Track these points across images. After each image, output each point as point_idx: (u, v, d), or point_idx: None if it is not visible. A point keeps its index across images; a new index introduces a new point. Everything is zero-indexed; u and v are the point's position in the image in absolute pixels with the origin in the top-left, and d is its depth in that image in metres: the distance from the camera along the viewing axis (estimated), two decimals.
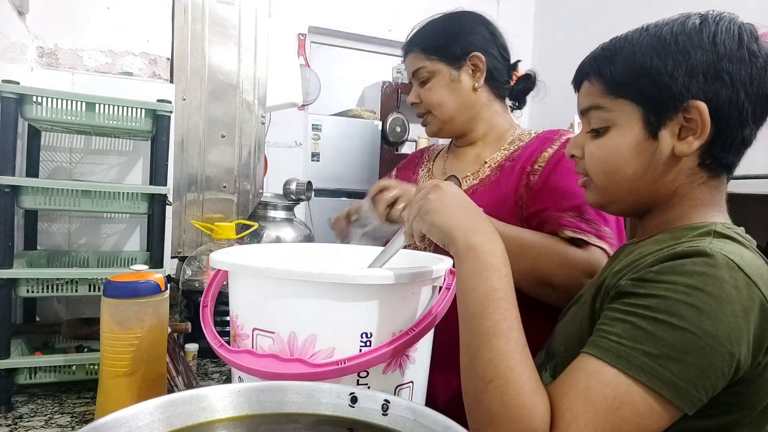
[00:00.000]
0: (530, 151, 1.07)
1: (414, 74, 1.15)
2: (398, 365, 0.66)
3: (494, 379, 0.56)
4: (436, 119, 1.15)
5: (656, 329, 0.54)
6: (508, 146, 1.13)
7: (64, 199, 0.90)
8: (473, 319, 0.60)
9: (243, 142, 1.40)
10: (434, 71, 1.12)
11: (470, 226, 0.66)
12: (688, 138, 0.63)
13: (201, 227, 1.25)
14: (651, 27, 0.67)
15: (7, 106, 0.84)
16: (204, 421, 0.48)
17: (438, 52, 1.12)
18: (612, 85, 0.67)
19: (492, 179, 1.09)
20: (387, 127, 4.65)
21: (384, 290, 0.63)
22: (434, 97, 1.12)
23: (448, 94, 1.12)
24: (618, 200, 0.71)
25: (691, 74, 0.62)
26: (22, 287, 0.88)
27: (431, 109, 1.14)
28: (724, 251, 0.56)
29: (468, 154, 1.18)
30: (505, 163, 1.09)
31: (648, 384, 0.53)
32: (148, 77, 1.24)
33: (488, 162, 1.13)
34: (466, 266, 0.63)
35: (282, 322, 0.63)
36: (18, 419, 0.82)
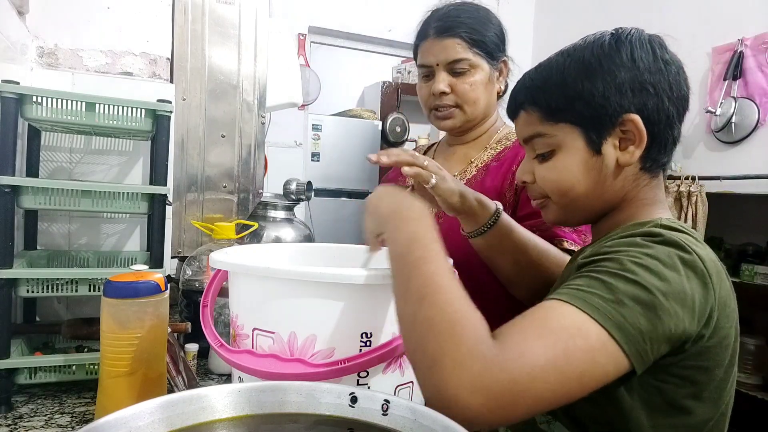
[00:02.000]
0: (516, 151, 1.07)
1: (451, 62, 1.06)
2: (398, 365, 0.66)
3: (428, 294, 0.56)
4: (464, 115, 1.10)
5: (611, 279, 0.57)
6: (495, 145, 1.12)
7: (64, 199, 0.90)
8: (399, 258, 0.62)
9: (243, 142, 1.40)
10: (476, 65, 1.07)
11: (392, 200, 0.70)
12: (629, 148, 0.69)
13: (201, 227, 1.25)
14: (570, 51, 0.72)
15: (7, 106, 0.84)
16: (204, 421, 0.48)
17: (483, 47, 1.07)
18: (549, 112, 0.72)
19: (477, 179, 1.08)
20: (387, 127, 4.65)
21: (384, 290, 0.63)
22: (473, 93, 1.07)
23: (484, 92, 1.09)
24: (575, 214, 0.76)
25: (620, 91, 0.67)
26: (22, 287, 0.88)
27: (464, 103, 1.08)
28: (668, 233, 0.62)
29: (456, 154, 1.17)
30: (491, 164, 1.09)
31: (601, 323, 0.55)
32: (148, 77, 1.24)
33: (474, 161, 1.12)
34: (390, 225, 0.66)
35: (282, 322, 0.63)
36: (18, 419, 0.82)
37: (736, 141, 2.42)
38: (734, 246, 2.35)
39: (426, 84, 1.11)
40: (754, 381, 2.11)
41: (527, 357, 0.52)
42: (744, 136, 2.39)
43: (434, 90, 1.07)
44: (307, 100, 3.27)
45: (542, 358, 0.52)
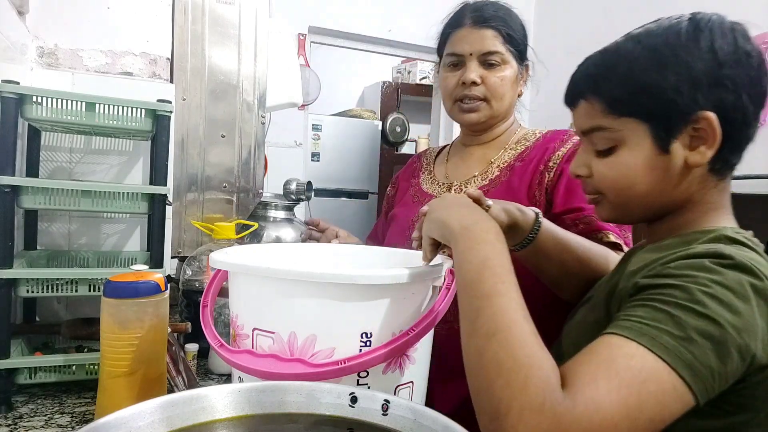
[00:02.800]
0: (542, 151, 1.05)
1: (485, 54, 1.05)
2: (398, 365, 0.66)
3: (497, 332, 0.54)
4: (490, 110, 1.08)
5: (679, 313, 0.53)
6: (515, 146, 1.11)
7: (64, 199, 0.90)
8: (470, 286, 0.60)
9: (243, 142, 1.40)
10: (507, 61, 1.06)
11: (465, 214, 0.68)
12: (700, 148, 0.63)
13: (201, 227, 1.25)
14: (642, 36, 0.66)
15: (7, 106, 0.84)
16: (204, 421, 0.48)
17: (515, 44, 1.07)
18: (613, 105, 0.66)
19: (503, 179, 1.06)
20: (387, 127, 4.66)
21: (384, 290, 0.63)
22: (502, 88, 1.06)
23: (510, 89, 1.08)
24: (630, 214, 0.71)
25: (695, 86, 0.61)
26: (22, 287, 0.88)
27: (492, 98, 1.07)
28: (738, 255, 0.57)
29: (473, 155, 1.15)
30: (515, 163, 1.07)
31: (671, 363, 0.51)
32: (148, 77, 1.24)
33: (495, 162, 1.10)
34: (462, 244, 0.64)
35: (282, 322, 0.63)
36: (18, 419, 0.82)
37: None
38: None
39: (454, 73, 1.08)
40: None
41: (600, 410, 0.49)
42: None
43: (465, 78, 1.05)
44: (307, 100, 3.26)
45: (615, 410, 0.49)
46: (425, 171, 1.24)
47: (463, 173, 1.14)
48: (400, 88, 4.82)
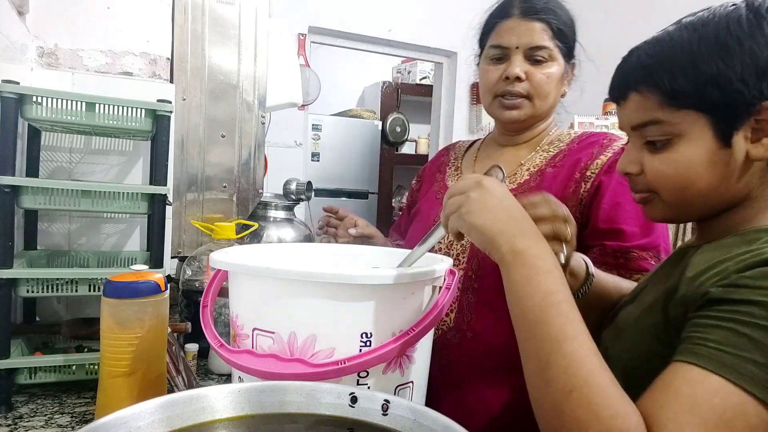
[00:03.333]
0: (576, 157, 0.98)
1: (533, 48, 0.98)
2: (398, 365, 0.66)
3: (576, 388, 0.51)
4: (532, 108, 1.00)
5: (761, 336, 0.50)
6: (547, 147, 1.04)
7: (64, 199, 0.90)
8: (535, 326, 0.57)
9: (243, 142, 1.40)
10: (555, 58, 0.99)
11: (515, 231, 0.62)
12: (763, 140, 0.60)
13: (201, 227, 1.25)
14: (697, 25, 0.62)
15: (7, 106, 0.84)
16: (204, 421, 0.48)
17: (564, 40, 1.00)
18: (672, 96, 0.62)
19: (532, 185, 0.99)
20: (387, 127, 4.66)
21: (384, 290, 0.63)
22: (548, 86, 0.99)
23: (555, 87, 1.01)
24: (687, 212, 0.67)
25: (761, 75, 0.58)
26: (22, 287, 0.88)
27: (535, 95, 0.99)
28: None
29: (504, 155, 1.08)
30: (546, 169, 1.00)
31: (759, 396, 0.48)
32: (148, 77, 1.24)
33: (525, 164, 1.03)
34: (516, 273, 0.60)
35: (282, 322, 0.63)
36: (18, 419, 0.82)
37: None
38: None
39: (496, 67, 1.01)
40: None
41: None
42: None
43: (509, 73, 0.98)
44: (307, 100, 3.26)
45: None
46: (452, 166, 1.17)
47: None
48: (400, 88, 4.82)
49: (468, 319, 0.95)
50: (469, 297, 0.96)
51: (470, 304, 0.95)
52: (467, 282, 0.96)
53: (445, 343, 0.96)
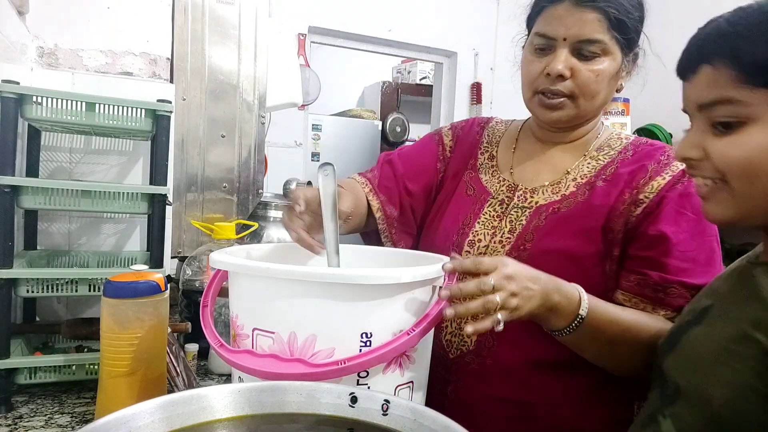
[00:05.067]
0: (631, 171, 0.87)
1: (582, 41, 0.84)
2: (398, 365, 0.66)
3: None
4: (575, 109, 0.88)
5: None
6: (596, 154, 0.92)
7: (64, 199, 0.90)
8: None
9: (243, 142, 1.40)
10: (609, 52, 0.85)
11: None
12: None
13: (201, 227, 1.25)
14: None
15: (7, 106, 0.84)
16: (204, 421, 0.48)
17: (624, 30, 0.85)
18: (751, 73, 0.54)
19: (579, 200, 0.88)
20: (387, 127, 4.66)
21: (384, 290, 0.63)
22: (597, 84, 0.86)
23: (608, 85, 0.88)
24: (757, 211, 0.58)
25: None
26: (22, 287, 0.88)
27: (580, 95, 0.86)
28: None
29: (546, 155, 0.96)
30: (597, 182, 0.88)
31: None
32: (148, 77, 1.24)
33: (572, 173, 0.91)
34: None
35: (282, 322, 0.63)
36: (18, 419, 0.82)
37: None
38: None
39: (539, 58, 0.88)
40: None
41: None
42: None
43: (551, 70, 0.85)
44: (307, 100, 3.26)
45: None
46: (485, 152, 1.03)
47: (530, 176, 0.95)
48: (400, 88, 4.82)
49: (490, 345, 0.87)
50: None
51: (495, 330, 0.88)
52: None
53: (462, 364, 0.89)
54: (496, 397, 0.87)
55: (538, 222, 0.88)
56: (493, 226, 0.92)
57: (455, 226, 0.95)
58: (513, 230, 0.90)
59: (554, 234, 0.86)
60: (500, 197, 0.94)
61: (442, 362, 0.89)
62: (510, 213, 0.92)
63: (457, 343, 0.89)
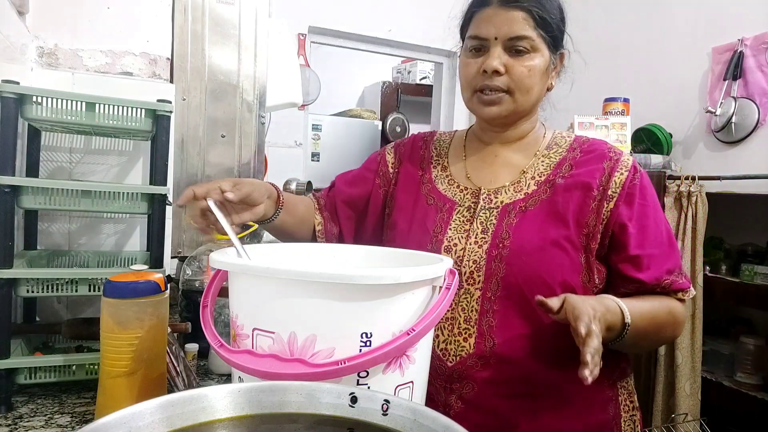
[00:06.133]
0: (589, 170, 0.93)
1: (512, 38, 0.91)
2: (398, 365, 0.66)
3: None
4: (513, 103, 0.94)
5: None
6: (547, 152, 0.98)
7: (64, 199, 0.90)
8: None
9: (243, 142, 1.40)
10: (538, 49, 0.92)
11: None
12: None
13: None
14: None
15: (7, 106, 0.84)
16: (204, 421, 0.48)
17: (548, 29, 0.93)
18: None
19: (543, 197, 0.93)
20: (387, 127, 4.65)
21: (384, 290, 0.63)
22: (529, 79, 0.92)
23: (540, 81, 0.94)
24: None
25: None
26: (22, 287, 0.88)
27: (516, 90, 0.92)
28: None
29: (498, 157, 1.01)
30: (556, 179, 0.94)
31: None
32: (148, 77, 1.24)
33: (529, 172, 0.97)
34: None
35: (282, 322, 0.63)
36: (18, 419, 0.82)
37: (736, 141, 2.41)
38: (734, 246, 2.35)
39: (475, 60, 0.95)
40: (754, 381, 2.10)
41: None
42: (744, 136, 2.38)
43: (487, 66, 0.91)
44: (307, 100, 3.26)
45: None
46: (437, 165, 1.07)
47: (488, 178, 0.99)
48: (400, 88, 4.81)
49: (490, 345, 0.88)
50: (488, 320, 0.89)
51: (491, 328, 0.88)
52: (486, 304, 0.89)
53: (464, 370, 0.89)
54: (503, 394, 0.89)
55: (510, 220, 0.92)
56: (465, 229, 0.94)
57: (426, 235, 0.98)
58: (486, 230, 0.93)
59: (531, 229, 0.90)
60: (466, 204, 0.98)
61: (440, 372, 0.90)
62: (479, 215, 0.95)
63: (453, 350, 0.90)
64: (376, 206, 1.08)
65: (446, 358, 0.90)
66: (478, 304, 0.90)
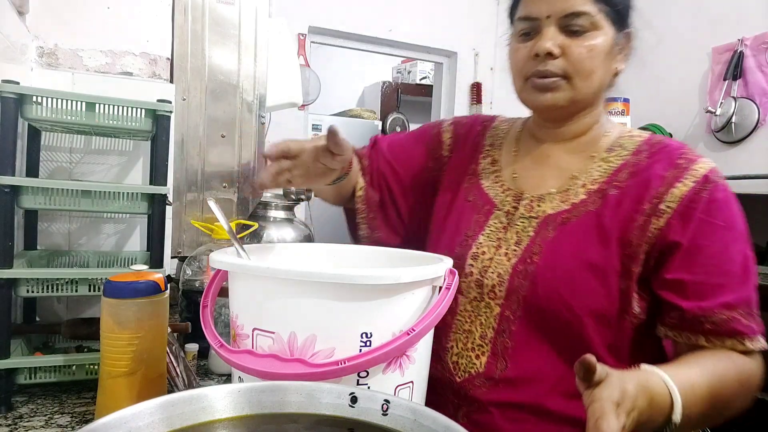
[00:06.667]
0: (646, 178, 0.78)
1: (568, 15, 0.78)
2: (398, 365, 0.66)
3: None
4: (571, 90, 0.80)
5: None
6: (606, 155, 0.84)
7: (64, 199, 0.90)
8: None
9: (243, 142, 1.40)
10: (599, 26, 0.79)
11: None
12: None
13: (201, 227, 1.25)
14: None
15: (7, 106, 0.84)
16: (204, 421, 0.48)
17: (612, 2, 0.79)
18: None
19: (590, 209, 0.80)
20: (387, 127, 4.66)
21: (384, 290, 0.63)
22: (591, 61, 0.79)
23: (602, 65, 0.80)
24: None
25: None
26: (22, 287, 0.88)
27: (574, 74, 0.79)
28: None
29: (551, 157, 0.88)
30: (609, 189, 0.80)
31: None
32: (148, 77, 1.24)
33: (581, 178, 0.83)
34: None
35: (282, 322, 0.63)
36: (18, 419, 0.82)
37: (736, 141, 2.42)
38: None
39: (525, 43, 0.82)
40: None
41: None
42: (744, 136, 2.39)
43: (539, 49, 0.79)
44: (307, 100, 3.26)
45: None
46: (487, 156, 0.95)
47: (535, 183, 0.87)
48: (400, 88, 4.82)
49: (502, 367, 0.80)
50: (504, 340, 0.80)
51: (506, 349, 0.79)
52: (503, 323, 0.80)
53: (471, 389, 0.81)
54: (510, 418, 0.80)
55: (547, 233, 0.81)
56: (498, 237, 0.85)
57: (458, 236, 0.89)
58: (519, 242, 0.83)
59: (565, 246, 0.79)
60: (505, 208, 0.88)
61: (449, 386, 0.84)
62: (516, 223, 0.85)
63: (464, 365, 0.83)
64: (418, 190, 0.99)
65: (456, 373, 0.83)
66: (496, 321, 0.81)
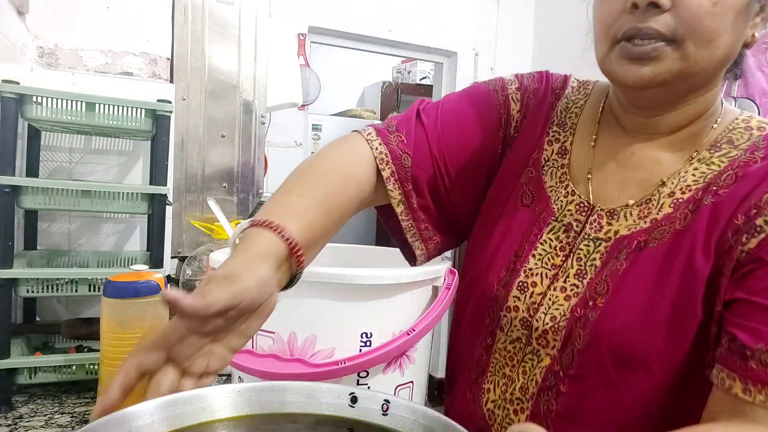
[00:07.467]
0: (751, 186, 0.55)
1: None
2: (398, 365, 0.66)
3: None
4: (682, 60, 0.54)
5: None
6: (708, 155, 0.59)
7: (64, 199, 0.90)
8: None
9: (243, 142, 1.40)
10: None
11: None
12: None
13: (201, 227, 1.25)
14: None
15: (7, 106, 0.84)
16: (204, 421, 0.48)
17: None
18: None
19: (677, 227, 0.57)
20: None
21: (384, 290, 0.63)
22: (717, 19, 0.53)
23: (733, 25, 0.54)
24: None
25: None
26: (22, 287, 0.88)
27: (687, 36, 0.53)
28: None
29: (635, 157, 0.63)
30: (705, 197, 0.57)
31: None
32: (148, 77, 1.24)
33: (669, 185, 0.59)
34: None
35: (282, 322, 0.63)
36: (18, 419, 0.82)
37: None
38: None
39: None
40: None
41: None
42: None
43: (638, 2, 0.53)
44: (307, 100, 3.26)
45: None
46: (555, 141, 0.69)
47: (612, 191, 0.63)
48: (400, 88, 4.81)
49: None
50: (549, 402, 0.60)
51: (549, 413, 0.60)
52: (550, 379, 0.60)
53: None
54: None
55: (617, 263, 0.59)
56: (555, 264, 0.62)
57: (507, 256, 0.65)
58: (582, 274, 0.60)
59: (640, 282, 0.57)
60: (566, 220, 0.64)
61: None
62: (579, 247, 0.62)
63: (500, 417, 0.64)
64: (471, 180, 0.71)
65: (491, 423, 0.64)
66: (542, 375, 0.61)
